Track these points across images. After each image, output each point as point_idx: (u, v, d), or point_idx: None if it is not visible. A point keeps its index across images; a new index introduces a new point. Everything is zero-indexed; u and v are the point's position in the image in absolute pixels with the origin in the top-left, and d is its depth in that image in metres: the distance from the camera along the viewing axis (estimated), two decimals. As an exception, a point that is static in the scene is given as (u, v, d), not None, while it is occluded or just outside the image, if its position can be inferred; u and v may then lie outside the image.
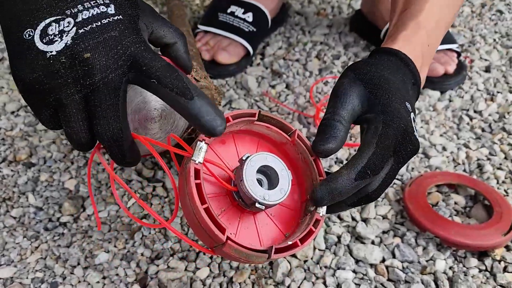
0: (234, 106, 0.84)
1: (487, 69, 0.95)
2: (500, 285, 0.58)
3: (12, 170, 0.72)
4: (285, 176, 0.42)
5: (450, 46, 0.90)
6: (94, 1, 0.40)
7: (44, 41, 0.38)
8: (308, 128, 0.81)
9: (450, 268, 0.60)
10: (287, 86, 0.90)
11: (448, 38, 0.92)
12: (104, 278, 0.59)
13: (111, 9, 0.40)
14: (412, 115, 0.49)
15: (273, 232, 0.45)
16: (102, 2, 0.40)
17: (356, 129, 0.81)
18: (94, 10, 0.39)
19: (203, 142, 0.40)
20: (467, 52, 0.99)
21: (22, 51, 0.38)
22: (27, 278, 0.59)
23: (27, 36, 0.38)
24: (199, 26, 0.95)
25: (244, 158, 0.41)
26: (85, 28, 0.38)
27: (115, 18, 0.40)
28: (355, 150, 0.76)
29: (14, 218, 0.66)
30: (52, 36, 0.38)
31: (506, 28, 1.07)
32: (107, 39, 0.38)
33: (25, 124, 0.80)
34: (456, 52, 0.92)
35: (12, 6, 0.40)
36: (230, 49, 0.92)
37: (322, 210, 0.44)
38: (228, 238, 0.38)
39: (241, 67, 0.93)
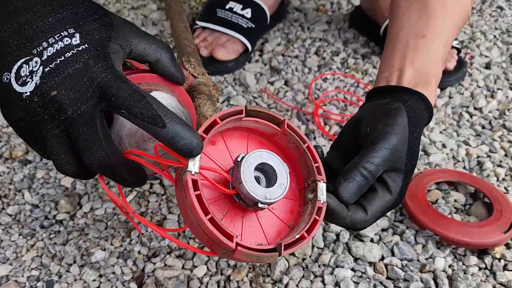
0: (232, 103, 0.84)
1: (488, 66, 0.94)
2: (500, 283, 0.58)
3: (8, 167, 0.72)
4: (282, 171, 0.41)
5: (450, 43, 0.90)
6: (58, 35, 0.39)
7: (19, 82, 0.39)
8: (307, 125, 0.80)
9: (450, 266, 0.60)
10: (286, 83, 0.89)
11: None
12: (100, 276, 0.58)
13: (76, 39, 0.40)
14: None
15: (277, 225, 0.44)
16: (67, 34, 0.40)
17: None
18: (58, 45, 0.39)
19: None
20: (468, 49, 0.99)
21: (3, 93, 0.39)
22: (22, 276, 0.58)
23: (5, 79, 0.39)
24: (197, 22, 0.95)
25: (239, 159, 0.40)
26: (50, 66, 0.38)
27: (80, 48, 0.39)
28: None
29: (10, 215, 0.65)
30: (25, 77, 0.38)
31: (507, 25, 1.06)
32: (71, 74, 0.38)
33: (21, 121, 0.79)
34: (456, 48, 0.91)
35: None
36: (228, 46, 0.91)
37: (323, 197, 0.43)
38: (237, 244, 0.38)
39: (239, 64, 0.92)
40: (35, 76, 0.38)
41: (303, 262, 0.60)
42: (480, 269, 0.60)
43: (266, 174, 0.42)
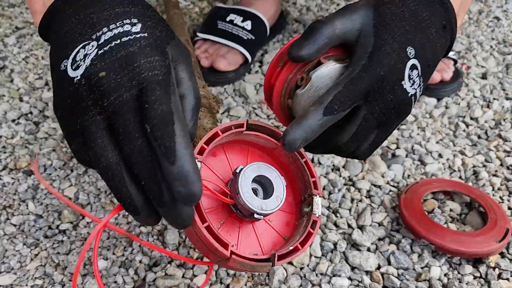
0: (232, 114, 0.85)
1: (484, 76, 0.95)
2: (495, 292, 0.59)
3: (12, 178, 0.73)
4: (279, 183, 0.43)
5: (446, 54, 0.91)
6: (120, 22, 0.39)
7: (73, 67, 0.38)
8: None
9: (445, 275, 0.61)
10: (285, 94, 0.90)
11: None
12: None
13: (137, 28, 0.39)
14: (411, 62, 0.45)
15: (273, 237, 0.46)
16: (129, 22, 0.39)
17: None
18: (117, 30, 0.38)
19: (197, 160, 0.41)
20: (464, 59, 1.00)
21: (58, 82, 0.39)
22: (26, 285, 0.59)
23: (63, 67, 0.39)
24: (198, 33, 0.96)
25: (238, 171, 0.42)
26: (104, 48, 0.37)
27: (138, 35, 0.38)
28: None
29: (14, 225, 0.67)
30: (79, 61, 0.38)
31: (503, 35, 1.08)
32: (123, 56, 0.37)
33: (25, 132, 0.81)
34: (453, 59, 0.93)
35: (54, 43, 0.41)
36: (228, 57, 0.93)
37: (318, 211, 0.44)
38: (232, 252, 0.39)
39: (239, 75, 0.94)
40: (88, 58, 0.37)
41: (301, 271, 0.61)
42: (475, 277, 0.61)
43: (264, 186, 0.44)
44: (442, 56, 0.50)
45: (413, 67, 0.45)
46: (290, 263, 0.61)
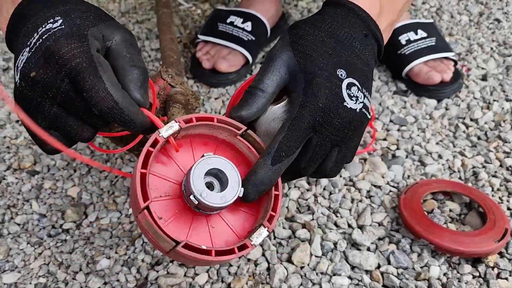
0: (233, 115, 0.86)
1: (484, 78, 0.96)
2: (493, 291, 0.59)
3: (16, 178, 0.74)
4: (234, 188, 0.42)
5: (446, 55, 0.92)
6: (45, 23, 0.43)
7: (16, 74, 0.43)
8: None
9: (444, 274, 0.61)
10: (286, 95, 0.91)
11: (444, 47, 0.94)
12: (105, 283, 0.60)
13: (56, 24, 0.43)
14: (346, 82, 0.46)
15: (228, 236, 0.45)
16: (52, 21, 0.43)
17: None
18: (41, 30, 0.43)
19: (178, 124, 0.42)
20: (464, 61, 1.01)
21: (15, 93, 0.44)
22: (30, 283, 0.60)
23: (16, 79, 0.44)
24: (199, 36, 0.97)
25: (204, 155, 0.42)
26: (32, 50, 0.42)
27: (55, 29, 0.42)
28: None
29: (18, 225, 0.67)
30: (18, 68, 0.43)
31: (504, 37, 1.08)
32: (44, 52, 0.41)
33: (29, 133, 0.82)
34: (453, 60, 0.93)
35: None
36: (230, 58, 0.94)
37: (257, 240, 0.43)
38: (146, 208, 0.39)
39: (241, 76, 0.95)
40: (21, 62, 0.42)
41: (302, 270, 0.61)
42: (474, 277, 0.61)
43: (222, 185, 0.43)
44: (375, 60, 0.51)
45: (350, 85, 0.46)
46: (291, 262, 0.62)
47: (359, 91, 0.47)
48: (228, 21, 0.97)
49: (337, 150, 0.47)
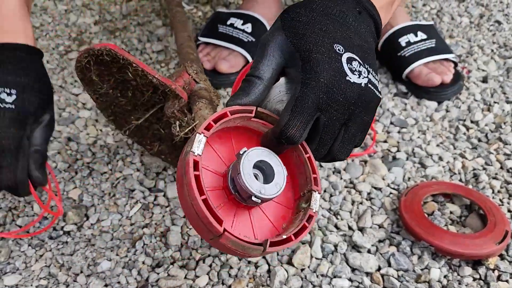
0: (234, 117, 0.86)
1: (484, 80, 0.96)
2: (494, 294, 0.59)
3: (18, 180, 0.74)
4: (280, 172, 0.43)
5: (447, 56, 0.92)
6: (2, 90, 0.54)
7: None
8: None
9: (445, 276, 0.61)
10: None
11: (444, 49, 0.94)
12: (106, 285, 0.60)
13: (10, 98, 0.53)
14: (345, 56, 0.44)
15: (267, 228, 0.46)
16: (8, 92, 0.54)
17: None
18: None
19: (202, 135, 0.42)
20: (465, 63, 1.01)
21: None
22: (31, 285, 0.60)
23: None
24: (200, 38, 0.98)
25: (241, 153, 0.42)
26: None
27: (7, 106, 0.53)
28: (369, 156, 0.78)
29: (20, 227, 0.68)
30: None
31: (504, 39, 1.09)
32: None
33: (30, 135, 0.82)
34: (453, 62, 0.93)
35: None
36: (230, 59, 0.94)
37: (315, 206, 0.45)
38: (225, 229, 0.39)
39: (241, 78, 0.95)
40: None
41: (302, 272, 0.62)
42: (474, 279, 0.61)
43: (265, 173, 0.44)
44: (373, 38, 0.50)
45: (350, 59, 0.44)
46: (291, 264, 0.62)
47: (361, 66, 0.45)
48: (228, 23, 0.97)
49: (344, 129, 0.45)
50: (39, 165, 0.57)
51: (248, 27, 0.97)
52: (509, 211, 0.69)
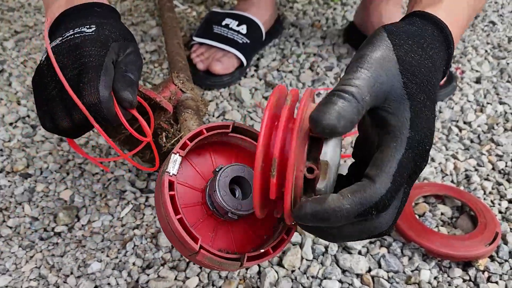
0: (227, 118, 0.86)
1: (478, 80, 0.96)
2: (484, 295, 0.60)
3: (9, 181, 0.74)
4: None
5: (440, 58, 0.92)
6: (82, 27, 0.53)
7: (44, 55, 0.53)
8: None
9: (435, 278, 0.61)
10: (280, 97, 0.91)
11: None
12: (96, 287, 0.60)
13: (90, 30, 0.52)
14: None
15: (249, 240, 0.46)
16: (88, 27, 0.53)
17: (346, 140, 0.82)
18: (75, 30, 0.52)
19: (178, 154, 0.42)
20: (459, 63, 1.01)
21: (38, 65, 0.55)
22: (21, 287, 0.60)
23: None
24: (194, 38, 0.97)
25: (217, 170, 0.43)
26: (62, 40, 0.52)
27: (87, 34, 0.51)
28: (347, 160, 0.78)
29: (10, 228, 0.68)
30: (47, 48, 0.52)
31: (498, 39, 1.09)
32: (70, 45, 0.51)
33: (22, 136, 0.82)
34: (447, 63, 0.93)
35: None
36: (224, 60, 0.94)
37: None
38: (201, 247, 0.40)
39: (235, 78, 0.95)
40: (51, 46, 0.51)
41: (292, 274, 0.62)
42: (464, 281, 0.61)
43: (242, 187, 0.44)
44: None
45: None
46: (281, 265, 0.62)
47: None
48: (223, 23, 0.97)
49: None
50: (127, 86, 0.51)
51: (243, 29, 0.97)
52: (500, 212, 0.70)
